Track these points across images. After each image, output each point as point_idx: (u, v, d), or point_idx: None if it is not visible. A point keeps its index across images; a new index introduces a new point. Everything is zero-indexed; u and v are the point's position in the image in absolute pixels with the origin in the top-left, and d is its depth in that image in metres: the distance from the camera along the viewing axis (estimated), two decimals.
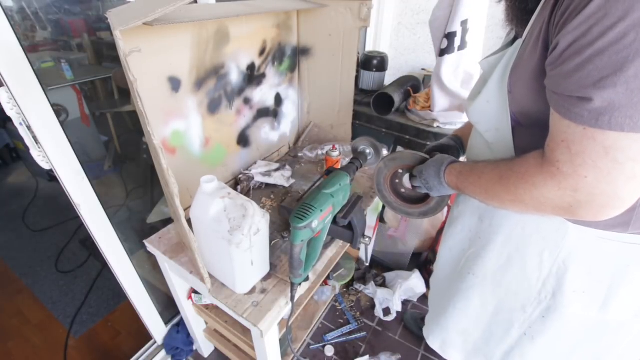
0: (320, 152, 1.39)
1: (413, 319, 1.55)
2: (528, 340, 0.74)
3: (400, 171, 0.84)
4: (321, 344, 1.48)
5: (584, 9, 0.38)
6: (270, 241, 0.99)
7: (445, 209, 0.88)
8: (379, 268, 1.83)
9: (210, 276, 0.86)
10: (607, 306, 0.62)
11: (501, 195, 0.57)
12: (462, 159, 0.84)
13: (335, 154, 1.23)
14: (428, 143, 1.41)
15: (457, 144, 0.88)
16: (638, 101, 0.37)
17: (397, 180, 0.86)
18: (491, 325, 0.80)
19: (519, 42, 0.54)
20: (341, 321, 1.59)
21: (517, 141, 0.61)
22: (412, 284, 1.64)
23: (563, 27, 0.42)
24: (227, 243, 0.72)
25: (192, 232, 0.76)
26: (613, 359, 0.70)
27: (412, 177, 0.78)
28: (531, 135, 0.57)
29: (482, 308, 0.80)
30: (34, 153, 0.80)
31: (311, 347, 1.47)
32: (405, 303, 1.67)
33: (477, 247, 0.76)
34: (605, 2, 0.37)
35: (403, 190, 0.86)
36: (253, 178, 1.19)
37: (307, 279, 0.82)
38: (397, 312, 1.60)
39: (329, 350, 1.45)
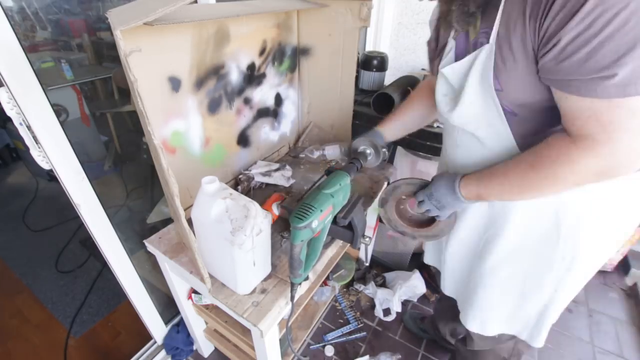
0: (322, 152, 1.39)
1: (412, 318, 1.56)
2: (559, 293, 0.79)
3: (404, 197, 0.87)
4: (321, 344, 1.48)
5: (582, 7, 0.45)
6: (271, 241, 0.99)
7: None
8: (379, 268, 1.83)
9: (211, 277, 0.86)
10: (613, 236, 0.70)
11: (537, 182, 0.61)
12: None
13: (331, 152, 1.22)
14: (428, 143, 1.41)
15: (377, 138, 0.95)
16: None
17: (402, 207, 0.88)
18: (524, 292, 0.83)
19: (488, 47, 0.59)
20: (341, 321, 1.59)
21: (516, 129, 0.66)
22: (412, 285, 1.64)
23: (563, 26, 0.48)
24: (229, 244, 0.72)
25: (193, 232, 0.76)
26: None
27: (419, 202, 0.81)
28: (532, 120, 0.63)
29: (511, 279, 0.83)
30: (34, 153, 0.80)
31: (311, 347, 1.48)
32: (405, 303, 1.67)
33: (494, 228, 0.80)
34: (600, 0, 0.44)
35: (409, 215, 0.89)
36: (253, 178, 1.19)
37: (307, 278, 0.82)
38: (397, 313, 1.60)
39: (329, 350, 1.45)
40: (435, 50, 0.79)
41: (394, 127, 1.04)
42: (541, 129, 0.64)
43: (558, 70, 0.51)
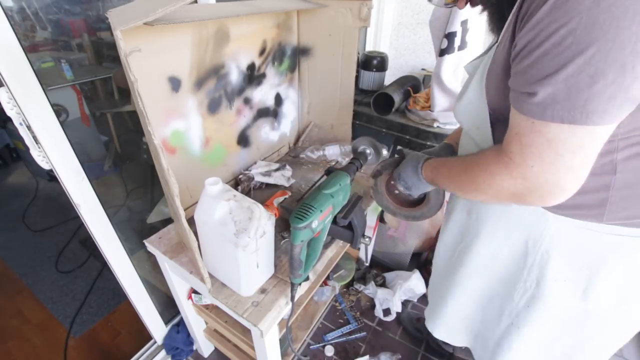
0: (322, 152, 1.39)
1: (409, 318, 1.56)
2: (515, 329, 0.75)
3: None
4: (321, 344, 1.48)
5: (536, 13, 0.43)
6: None
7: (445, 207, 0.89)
8: (379, 268, 1.83)
9: (213, 277, 0.86)
10: (587, 296, 0.64)
11: (465, 185, 0.62)
12: None
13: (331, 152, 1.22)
14: (428, 143, 1.41)
15: (448, 152, 0.90)
16: (575, 96, 0.42)
17: (392, 182, 0.87)
18: (486, 310, 0.82)
19: (495, 46, 0.58)
20: (341, 321, 1.59)
21: (497, 137, 0.64)
22: (412, 285, 1.64)
23: (521, 29, 0.46)
24: (233, 246, 0.71)
25: (195, 234, 0.75)
26: (593, 348, 0.71)
27: (395, 181, 0.81)
28: (504, 130, 0.61)
29: (478, 294, 0.82)
30: (34, 153, 0.80)
31: (311, 347, 1.47)
32: (405, 303, 1.67)
33: (467, 240, 0.79)
34: (551, 9, 0.41)
35: (397, 192, 0.87)
36: (253, 178, 1.19)
37: (307, 279, 0.82)
38: (397, 313, 1.60)
39: (329, 351, 1.45)
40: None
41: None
42: None
43: (512, 76, 0.50)
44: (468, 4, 0.65)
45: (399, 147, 0.94)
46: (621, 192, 0.54)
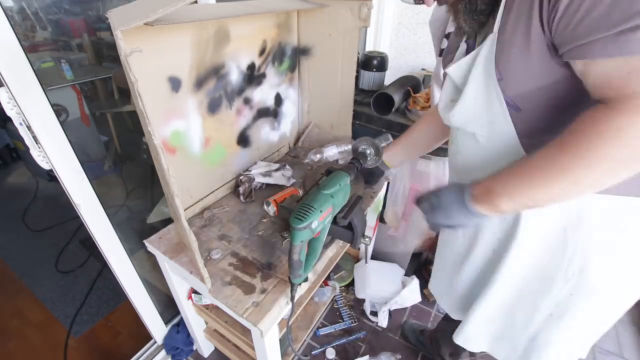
0: (322, 155, 1.38)
1: (412, 330, 1.51)
2: (555, 320, 0.71)
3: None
4: (322, 348, 1.48)
5: None
6: (270, 241, 0.99)
7: None
8: None
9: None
10: (634, 279, 0.62)
11: (570, 167, 0.47)
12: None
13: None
14: None
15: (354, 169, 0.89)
16: None
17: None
18: (514, 311, 0.77)
19: (492, 36, 0.55)
20: (341, 321, 1.59)
21: (520, 127, 0.59)
22: (404, 296, 1.57)
23: None
24: None
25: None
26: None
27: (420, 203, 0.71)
28: (538, 117, 0.56)
29: (503, 296, 0.77)
30: (34, 153, 0.80)
31: (313, 352, 1.47)
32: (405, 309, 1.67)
33: (502, 245, 0.73)
34: None
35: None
36: (254, 179, 1.19)
37: (306, 280, 0.82)
38: (389, 316, 1.59)
39: (330, 353, 1.44)
40: (446, 57, 0.76)
41: (396, 153, 1.03)
42: (548, 128, 0.56)
43: (576, 35, 0.44)
44: (435, 2, 0.64)
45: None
46: None
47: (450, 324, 1.10)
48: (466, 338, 0.88)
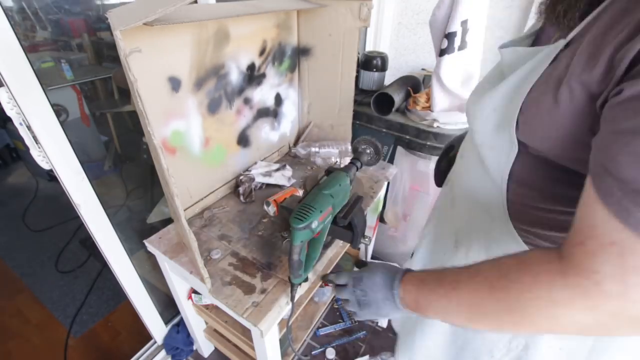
0: (313, 149, 1.39)
1: None
2: None
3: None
4: (322, 348, 1.48)
5: None
6: (270, 241, 0.99)
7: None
8: None
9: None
10: None
11: (495, 315, 0.40)
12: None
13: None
14: (428, 143, 1.41)
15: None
16: None
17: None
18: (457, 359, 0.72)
19: (559, 44, 0.40)
20: (341, 321, 1.60)
21: (517, 165, 0.48)
22: None
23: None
24: None
25: None
26: None
27: (337, 285, 0.65)
28: (535, 170, 0.46)
29: (451, 338, 0.72)
30: (34, 153, 0.80)
31: (313, 352, 1.47)
32: None
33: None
34: None
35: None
36: (254, 179, 1.19)
37: (306, 280, 0.82)
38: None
39: (330, 353, 1.44)
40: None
41: None
42: (538, 195, 0.47)
43: (602, 137, 0.32)
44: None
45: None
46: None
47: None
48: None
